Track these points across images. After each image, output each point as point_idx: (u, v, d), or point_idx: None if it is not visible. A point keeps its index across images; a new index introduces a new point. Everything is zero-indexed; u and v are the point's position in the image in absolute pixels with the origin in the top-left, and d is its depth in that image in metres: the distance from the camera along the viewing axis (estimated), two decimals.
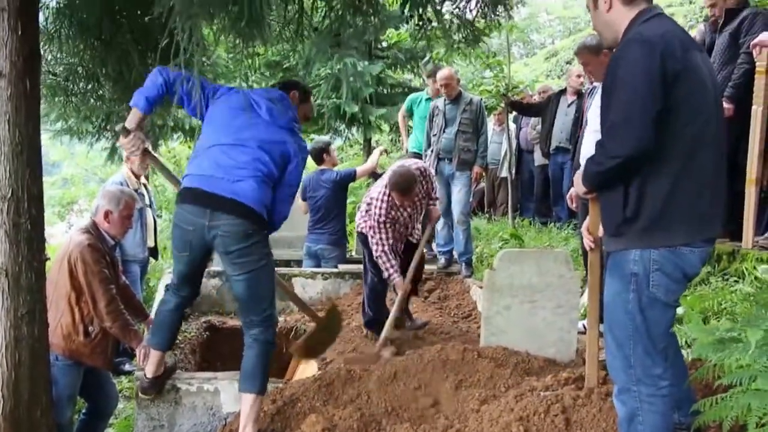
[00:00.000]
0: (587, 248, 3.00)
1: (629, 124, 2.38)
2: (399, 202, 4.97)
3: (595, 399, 3.07)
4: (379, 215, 4.97)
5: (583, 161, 4.70)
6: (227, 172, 3.41)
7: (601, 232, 2.79)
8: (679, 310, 3.74)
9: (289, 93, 3.76)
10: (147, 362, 3.98)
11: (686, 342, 3.82)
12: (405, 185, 4.88)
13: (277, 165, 3.51)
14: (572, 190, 4.97)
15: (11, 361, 3.19)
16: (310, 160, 6.01)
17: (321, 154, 7.09)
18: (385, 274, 5.03)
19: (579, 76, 8.14)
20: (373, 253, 5.00)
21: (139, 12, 4.49)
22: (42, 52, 3.58)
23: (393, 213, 5.01)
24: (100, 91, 5.08)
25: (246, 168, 3.42)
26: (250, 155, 3.45)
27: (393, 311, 4.98)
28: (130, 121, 3.55)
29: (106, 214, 4.17)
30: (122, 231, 4.26)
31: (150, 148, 3.69)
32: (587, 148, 4.68)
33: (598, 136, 4.41)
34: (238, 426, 3.55)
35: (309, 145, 5.61)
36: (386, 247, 4.96)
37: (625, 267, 2.50)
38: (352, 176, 7.07)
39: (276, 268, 6.71)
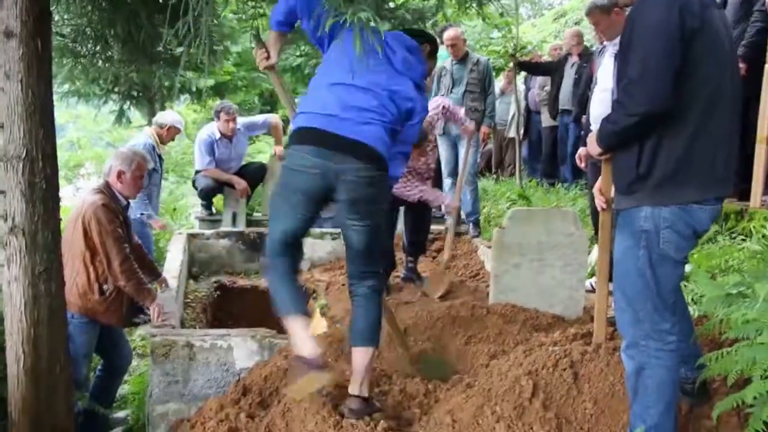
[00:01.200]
0: (599, 208, 3.01)
1: (647, 81, 2.37)
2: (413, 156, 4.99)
3: (602, 354, 3.12)
4: None
5: (593, 121, 4.72)
6: (355, 113, 3.12)
7: (613, 192, 2.81)
8: (687, 268, 3.77)
9: (421, 45, 3.45)
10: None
11: (692, 299, 3.87)
12: None
13: (401, 118, 3.26)
14: (581, 150, 4.97)
15: (30, 318, 3.24)
16: None
17: None
18: (438, 202, 5.33)
19: (576, 36, 8.11)
20: (415, 195, 5.11)
21: None
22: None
23: (411, 163, 5.04)
24: (108, 53, 5.08)
25: (374, 112, 3.14)
26: (378, 101, 3.16)
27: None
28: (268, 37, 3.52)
29: (120, 174, 4.20)
30: (134, 191, 4.31)
31: (276, 66, 3.58)
32: (597, 108, 4.67)
33: (608, 96, 4.44)
34: (250, 381, 3.62)
35: None
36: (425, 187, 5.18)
37: (636, 224, 2.53)
38: None
39: None
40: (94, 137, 17.07)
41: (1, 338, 3.88)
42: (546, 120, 8.93)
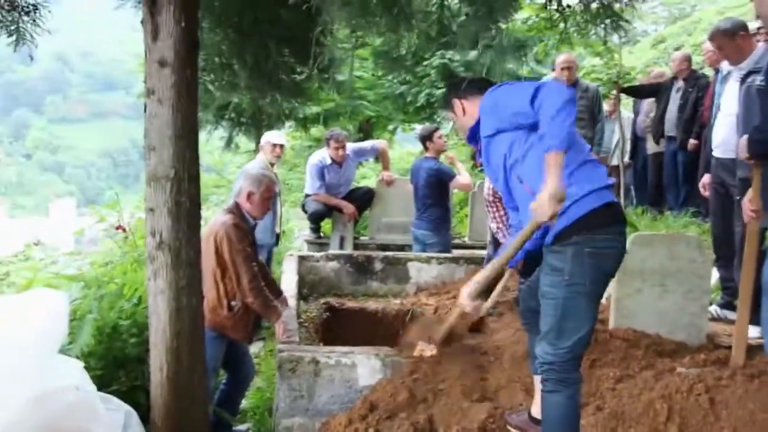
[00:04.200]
0: (745, 219, 2.98)
1: None
2: None
3: (739, 380, 3.07)
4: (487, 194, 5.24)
5: (716, 148, 4.66)
6: None
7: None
8: None
9: None
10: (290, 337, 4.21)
11: None
12: None
13: None
14: (705, 177, 4.90)
15: (173, 329, 3.43)
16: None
17: (424, 141, 7.16)
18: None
19: (686, 60, 7.96)
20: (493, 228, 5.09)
21: (276, 4, 4.70)
22: None
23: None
24: (235, 81, 5.33)
25: None
26: None
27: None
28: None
29: (249, 195, 4.40)
30: (263, 212, 4.49)
31: None
32: (720, 133, 4.60)
33: (732, 120, 4.37)
34: (376, 398, 3.71)
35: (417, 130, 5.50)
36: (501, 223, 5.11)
37: None
38: (448, 176, 7.01)
39: (392, 253, 6.97)
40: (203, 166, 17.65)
41: (141, 349, 4.12)
42: (651, 147, 8.79)
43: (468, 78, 3.53)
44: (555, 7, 3.69)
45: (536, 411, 3.12)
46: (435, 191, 6.99)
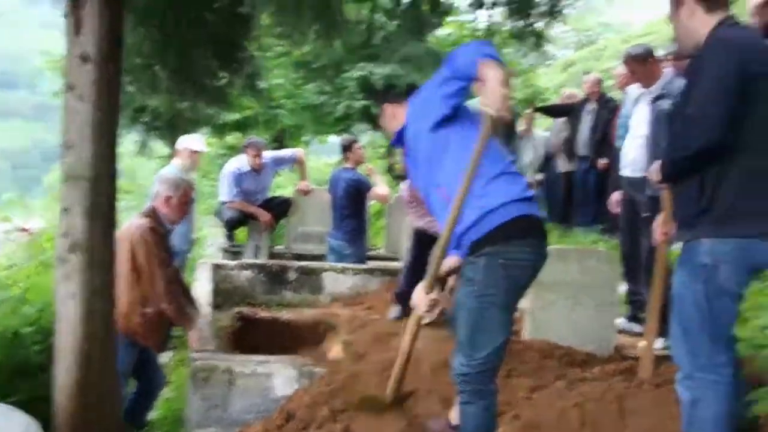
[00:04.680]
0: (657, 241, 3.12)
1: (705, 119, 2.54)
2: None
3: (646, 388, 3.19)
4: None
5: (626, 167, 4.85)
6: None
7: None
8: None
9: None
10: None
11: None
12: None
13: None
14: (614, 195, 5.08)
15: (83, 334, 3.30)
16: None
17: (345, 150, 7.21)
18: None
19: (597, 82, 8.26)
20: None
21: (201, 6, 4.62)
22: None
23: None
24: (155, 82, 5.18)
25: None
26: None
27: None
28: None
29: (167, 199, 4.30)
30: (180, 216, 4.40)
31: None
32: (630, 154, 4.79)
33: (642, 142, 4.56)
34: (293, 407, 3.67)
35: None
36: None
37: (696, 258, 2.62)
38: (366, 187, 7.07)
39: (307, 263, 6.92)
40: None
41: (44, 356, 3.94)
42: (563, 165, 9.06)
43: (396, 85, 3.61)
44: (483, 21, 3.77)
45: (455, 417, 3.15)
46: (353, 202, 7.01)
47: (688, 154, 2.61)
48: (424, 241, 5.17)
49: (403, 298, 5.50)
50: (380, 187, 7.11)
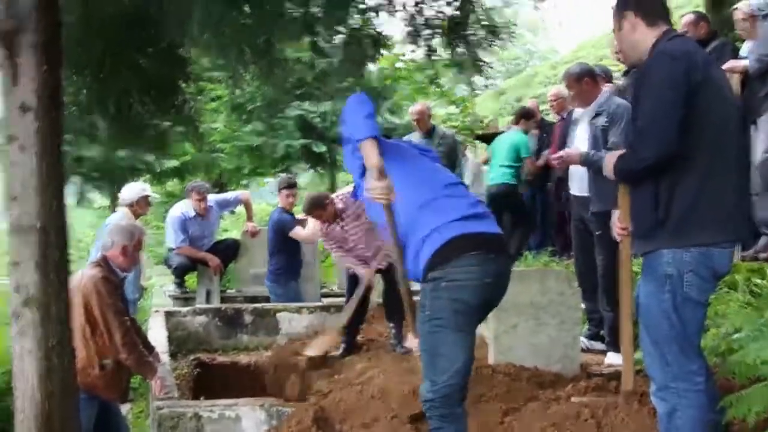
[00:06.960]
0: (617, 238, 3.18)
1: (655, 129, 2.61)
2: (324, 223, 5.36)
3: (621, 403, 3.21)
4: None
5: (573, 187, 4.94)
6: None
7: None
8: None
9: None
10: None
11: None
12: (306, 205, 5.39)
13: None
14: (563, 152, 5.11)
15: (43, 392, 3.16)
16: None
17: (279, 190, 7.37)
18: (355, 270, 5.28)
19: (536, 109, 8.43)
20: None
21: (137, 52, 4.55)
22: None
23: (336, 235, 5.35)
24: (93, 131, 5.08)
25: None
26: None
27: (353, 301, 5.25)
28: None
29: (124, 249, 4.18)
30: (132, 265, 4.29)
31: None
32: (576, 174, 4.87)
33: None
34: None
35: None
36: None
37: (659, 269, 2.67)
38: (288, 227, 7.03)
39: (261, 304, 6.83)
40: None
41: (2, 415, 3.77)
42: None
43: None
44: (423, 50, 3.81)
45: None
46: (279, 241, 7.06)
47: (645, 165, 2.67)
48: (354, 279, 5.35)
49: (348, 334, 5.51)
50: (307, 228, 6.95)
